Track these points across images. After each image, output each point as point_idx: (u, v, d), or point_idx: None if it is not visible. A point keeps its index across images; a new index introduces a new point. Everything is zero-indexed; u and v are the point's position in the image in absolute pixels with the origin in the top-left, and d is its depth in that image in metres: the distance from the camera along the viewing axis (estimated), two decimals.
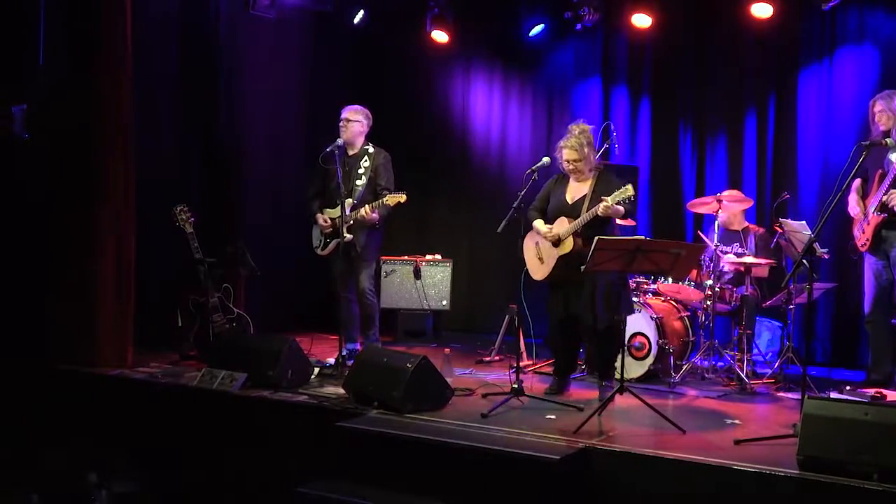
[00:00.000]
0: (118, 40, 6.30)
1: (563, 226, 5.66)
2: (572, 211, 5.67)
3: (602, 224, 5.57)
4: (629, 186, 5.43)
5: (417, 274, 8.19)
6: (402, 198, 6.41)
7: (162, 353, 6.65)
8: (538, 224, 5.78)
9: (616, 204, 5.43)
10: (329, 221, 6.68)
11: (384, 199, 6.44)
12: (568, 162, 5.68)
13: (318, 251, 6.79)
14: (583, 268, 5.32)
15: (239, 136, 7.90)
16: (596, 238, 5.12)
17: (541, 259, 5.76)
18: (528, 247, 5.87)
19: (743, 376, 6.17)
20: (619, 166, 7.56)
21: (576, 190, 5.76)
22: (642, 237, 5.47)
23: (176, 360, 6.51)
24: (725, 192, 6.67)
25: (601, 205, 5.44)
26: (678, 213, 7.96)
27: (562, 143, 5.72)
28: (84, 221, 6.31)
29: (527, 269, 5.85)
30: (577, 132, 5.69)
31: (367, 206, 6.49)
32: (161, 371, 6.19)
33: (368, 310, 6.82)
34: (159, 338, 6.89)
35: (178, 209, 6.66)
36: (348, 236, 6.54)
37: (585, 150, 5.68)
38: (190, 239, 6.64)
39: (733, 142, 7.88)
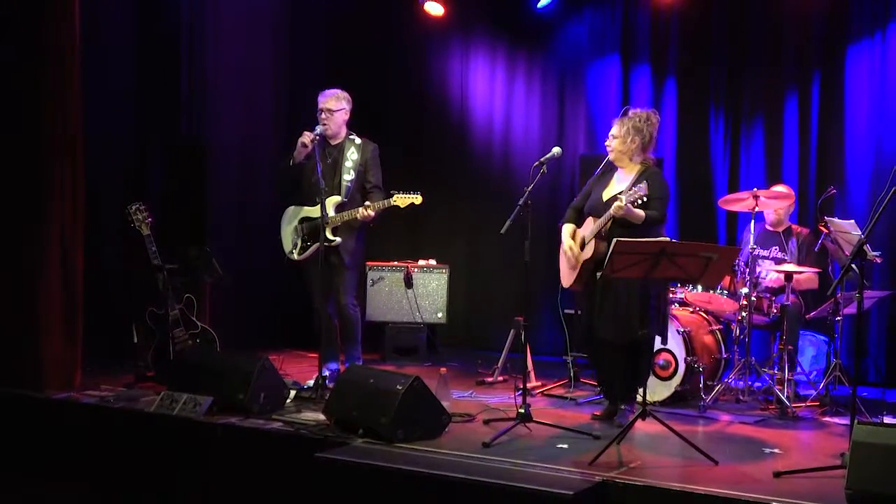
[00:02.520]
0: (64, 25, 6.29)
1: (588, 227, 5.68)
2: (605, 208, 5.65)
3: (635, 227, 5.52)
4: (644, 185, 5.41)
5: (409, 282, 8.18)
6: (418, 199, 6.42)
7: (115, 374, 6.63)
8: (564, 229, 5.86)
9: (631, 204, 5.39)
10: (301, 224, 6.64)
11: (392, 200, 6.41)
12: (610, 138, 5.74)
13: (294, 256, 6.74)
14: (598, 274, 5.32)
15: (204, 125, 7.91)
16: (614, 240, 5.11)
17: (571, 265, 5.80)
18: (563, 250, 5.92)
19: (784, 399, 6.17)
20: None
21: (615, 185, 5.78)
22: (667, 239, 5.45)
23: (131, 382, 6.49)
24: (778, 188, 6.64)
25: (614, 205, 5.42)
26: (709, 210, 7.96)
27: (615, 120, 5.80)
28: (26, 230, 6.30)
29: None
30: (633, 113, 5.75)
31: (366, 205, 6.46)
32: (114, 394, 6.17)
33: (351, 325, 6.78)
34: (112, 356, 6.89)
35: (133, 208, 6.64)
36: (337, 239, 6.52)
37: (631, 130, 5.70)
38: (147, 242, 6.62)
39: (772, 128, 7.90)
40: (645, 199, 5.38)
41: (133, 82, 7.50)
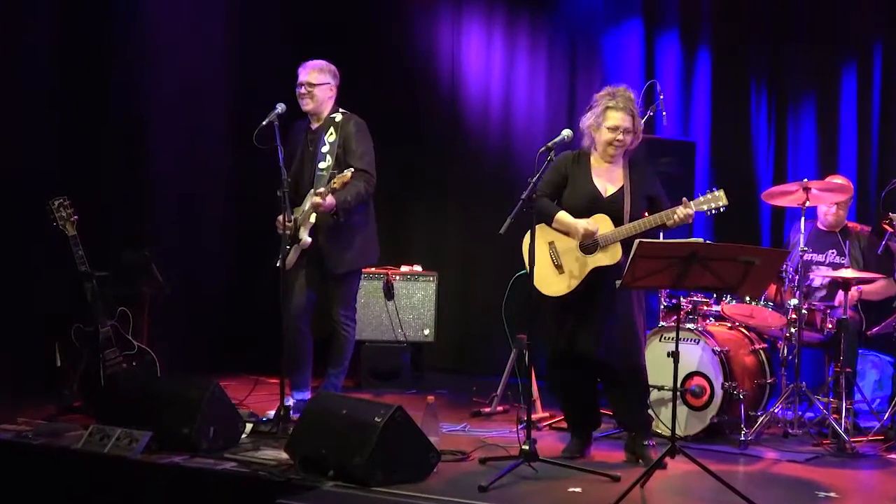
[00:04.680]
0: None
1: (605, 226, 5.66)
2: (610, 206, 5.67)
3: (652, 231, 5.64)
4: (722, 193, 5.48)
5: (389, 292, 8.17)
6: (346, 176, 6.26)
7: (35, 404, 6.59)
8: (567, 216, 5.75)
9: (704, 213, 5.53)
10: (290, 223, 6.61)
11: (332, 183, 6.36)
12: (615, 130, 5.67)
13: (278, 263, 6.71)
14: (618, 283, 5.31)
15: (141, 106, 7.89)
16: (637, 241, 5.10)
17: (559, 267, 5.74)
18: (539, 248, 5.83)
19: (841, 432, 6.18)
20: (668, 142, 7.57)
21: (605, 177, 5.77)
22: (700, 240, 5.46)
23: (53, 414, 6.46)
24: (834, 179, 6.64)
25: (681, 210, 5.49)
26: (750, 206, 7.98)
27: (609, 104, 5.71)
28: None
29: (522, 275, 5.79)
30: (628, 95, 5.73)
31: (318, 192, 6.41)
32: (33, 429, 6.13)
33: (339, 343, 6.79)
34: (31, 383, 6.86)
35: (56, 204, 6.61)
36: (305, 239, 6.51)
37: (639, 122, 5.76)
38: (72, 244, 6.59)
39: (825, 109, 7.94)
40: (723, 208, 5.47)
41: (55, 52, 7.46)
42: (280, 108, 6.36)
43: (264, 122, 6.27)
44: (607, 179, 5.76)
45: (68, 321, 6.63)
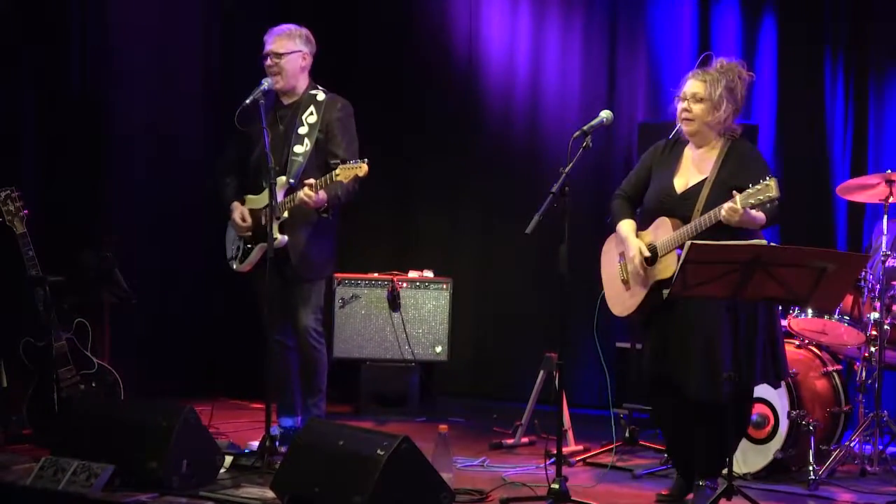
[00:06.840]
0: None
1: (664, 231, 5.63)
2: (682, 206, 5.61)
3: (734, 231, 5.48)
4: (772, 183, 5.29)
5: (394, 302, 8.17)
6: (362, 169, 6.32)
7: None
8: (625, 227, 5.76)
9: (751, 208, 5.35)
10: (248, 220, 6.64)
11: (335, 174, 6.38)
12: (683, 99, 5.67)
13: (235, 265, 6.74)
14: (665, 292, 5.29)
15: (103, 85, 7.93)
16: (688, 243, 5.08)
17: (626, 282, 5.74)
18: (610, 259, 5.87)
19: None
20: None
21: (693, 168, 5.73)
22: (764, 242, 5.44)
23: None
24: None
25: (725, 206, 5.34)
26: (823, 201, 7.96)
27: (689, 74, 5.71)
28: None
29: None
30: (720, 65, 5.69)
31: (308, 183, 6.42)
32: None
33: (311, 364, 6.80)
34: None
35: (3, 196, 6.63)
36: (281, 238, 6.50)
37: (719, 91, 5.63)
38: (22, 243, 6.61)
39: None
40: (776, 201, 5.32)
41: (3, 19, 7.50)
42: (266, 83, 6.39)
43: (248, 101, 6.30)
44: (693, 170, 5.72)
45: (16, 334, 6.66)
